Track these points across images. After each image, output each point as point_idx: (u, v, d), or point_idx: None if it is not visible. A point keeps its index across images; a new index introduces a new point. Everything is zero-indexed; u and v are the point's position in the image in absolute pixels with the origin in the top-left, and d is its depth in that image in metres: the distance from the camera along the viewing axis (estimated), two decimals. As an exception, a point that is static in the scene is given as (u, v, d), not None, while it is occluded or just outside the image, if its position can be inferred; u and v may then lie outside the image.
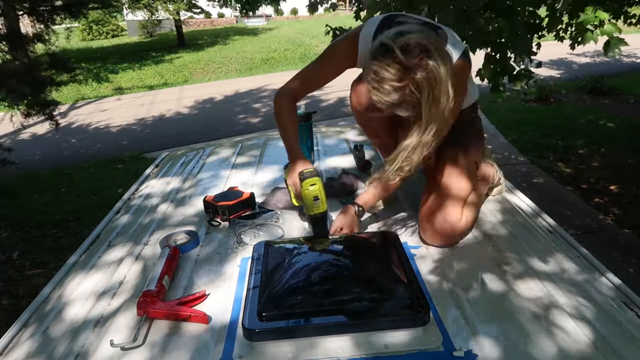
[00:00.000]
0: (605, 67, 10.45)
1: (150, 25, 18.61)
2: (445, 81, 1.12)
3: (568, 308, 1.10)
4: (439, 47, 1.14)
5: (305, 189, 1.35)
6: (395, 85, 1.13)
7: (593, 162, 5.27)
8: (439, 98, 1.14)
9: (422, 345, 0.98)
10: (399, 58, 1.11)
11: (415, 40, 1.11)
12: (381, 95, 1.16)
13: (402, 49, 1.11)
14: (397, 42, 1.12)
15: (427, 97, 1.13)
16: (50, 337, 1.10)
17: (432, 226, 1.37)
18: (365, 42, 1.41)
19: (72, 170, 6.14)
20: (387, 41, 1.13)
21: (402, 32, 1.14)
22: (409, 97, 1.14)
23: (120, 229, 1.63)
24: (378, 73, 1.14)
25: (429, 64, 1.10)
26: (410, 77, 1.11)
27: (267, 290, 1.10)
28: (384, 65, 1.13)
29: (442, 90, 1.13)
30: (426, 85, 1.11)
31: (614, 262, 3.21)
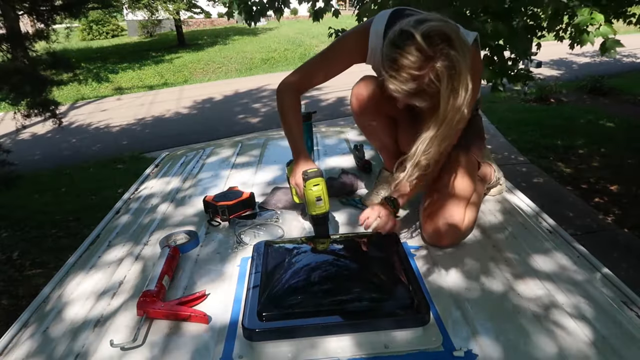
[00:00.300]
0: (605, 67, 10.45)
1: (150, 25, 18.60)
2: (465, 72, 1.10)
3: (568, 308, 1.09)
4: (461, 36, 1.11)
5: (309, 189, 1.34)
6: (414, 74, 1.10)
7: (593, 162, 5.27)
8: (458, 89, 1.11)
9: (422, 345, 0.98)
10: (421, 45, 1.07)
11: (437, 29, 1.08)
12: (398, 83, 1.13)
13: (424, 36, 1.07)
14: (419, 29, 1.08)
15: (446, 87, 1.10)
16: (50, 337, 1.10)
17: (435, 227, 1.36)
18: (375, 37, 1.38)
19: (72, 170, 6.14)
20: (409, 28, 1.09)
21: (423, 20, 1.10)
22: (428, 86, 1.12)
23: (120, 229, 1.63)
24: (397, 60, 1.11)
25: (451, 53, 1.07)
26: (430, 65, 1.08)
27: (267, 290, 1.10)
28: (403, 52, 1.09)
29: (461, 81, 1.10)
30: (446, 75, 1.09)
31: (614, 262, 3.21)
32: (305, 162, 1.45)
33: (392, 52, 1.12)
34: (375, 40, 1.39)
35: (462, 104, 1.13)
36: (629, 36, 10.84)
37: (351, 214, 1.62)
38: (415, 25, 1.09)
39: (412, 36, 1.08)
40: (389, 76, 1.14)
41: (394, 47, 1.12)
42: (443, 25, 1.09)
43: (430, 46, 1.07)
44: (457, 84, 1.10)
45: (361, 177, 1.87)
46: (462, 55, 1.09)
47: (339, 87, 1.83)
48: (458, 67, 1.08)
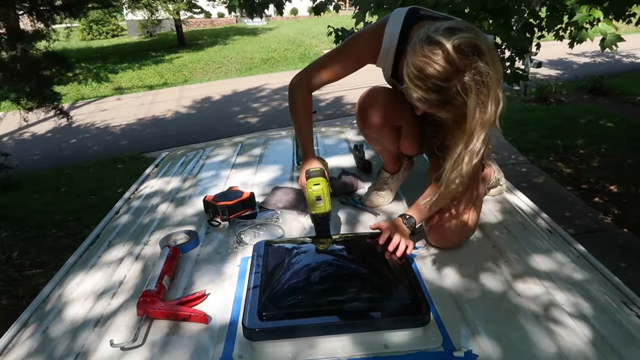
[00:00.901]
0: (605, 67, 10.46)
1: (150, 25, 18.60)
2: (496, 86, 1.05)
3: (568, 308, 1.10)
4: (492, 49, 1.06)
5: (309, 188, 1.34)
6: (441, 85, 1.05)
7: (593, 162, 5.27)
8: (486, 103, 1.06)
9: (422, 346, 0.98)
10: (452, 57, 1.02)
11: (469, 41, 1.03)
12: (422, 92, 1.08)
13: (455, 48, 1.02)
14: (451, 40, 1.02)
15: (474, 100, 1.05)
16: (50, 336, 1.10)
17: (439, 228, 1.35)
18: (390, 38, 1.34)
19: (72, 170, 6.14)
20: (439, 37, 1.03)
21: (453, 29, 1.05)
22: (453, 98, 1.07)
23: (120, 229, 1.63)
24: (423, 70, 1.05)
25: (481, 66, 1.03)
26: (458, 77, 1.04)
27: (268, 290, 1.10)
28: (431, 61, 1.04)
29: (491, 95, 1.05)
30: (475, 89, 1.04)
31: (614, 262, 3.21)
32: (312, 161, 1.45)
33: (419, 59, 1.06)
34: (390, 41, 1.35)
35: (491, 118, 1.08)
36: (629, 36, 10.85)
37: (351, 214, 1.62)
38: (446, 35, 1.04)
39: (442, 46, 1.03)
40: (413, 85, 1.09)
41: (421, 55, 1.06)
42: (474, 37, 1.04)
43: (460, 58, 1.03)
44: (485, 98, 1.05)
45: (361, 177, 1.87)
46: (493, 68, 1.04)
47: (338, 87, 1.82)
48: (487, 81, 1.04)
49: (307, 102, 1.51)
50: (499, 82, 1.07)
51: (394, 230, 1.29)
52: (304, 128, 1.50)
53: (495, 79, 1.05)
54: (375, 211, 1.64)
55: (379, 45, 1.37)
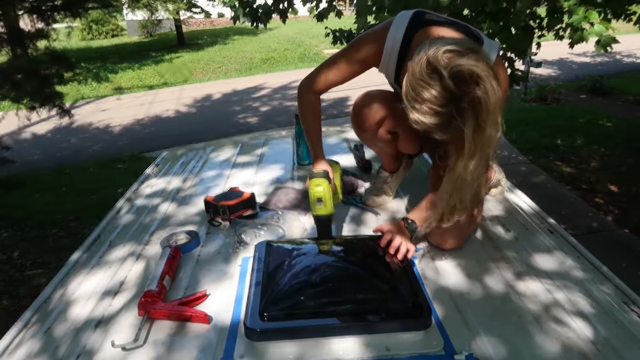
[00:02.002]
0: (605, 67, 10.46)
1: (150, 25, 18.59)
2: (495, 110, 1.02)
3: (569, 309, 1.10)
4: (492, 73, 1.01)
5: (310, 189, 1.35)
6: (438, 110, 1.03)
7: (593, 162, 5.27)
8: (484, 129, 1.04)
9: (424, 349, 0.98)
10: (448, 84, 1.00)
11: (466, 68, 0.99)
12: (419, 115, 1.06)
13: (452, 76, 0.99)
14: (448, 67, 1.00)
15: (471, 126, 1.03)
16: (51, 337, 1.10)
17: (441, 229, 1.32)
18: (392, 43, 1.33)
19: (72, 169, 6.13)
20: (436, 63, 1.01)
21: (453, 53, 1.01)
22: (450, 123, 1.05)
23: (121, 229, 1.63)
24: (420, 93, 1.03)
25: (478, 94, 1.00)
26: (455, 103, 1.02)
27: (269, 290, 1.10)
28: (428, 86, 1.02)
29: (489, 119, 1.03)
30: (471, 115, 1.02)
31: (615, 263, 3.20)
32: (319, 163, 1.46)
33: (416, 82, 1.04)
34: (392, 46, 1.33)
35: (490, 143, 1.07)
36: (629, 36, 10.85)
37: (352, 214, 1.62)
38: (445, 60, 1.00)
39: (439, 72, 1.00)
40: (410, 106, 1.07)
41: (418, 77, 1.03)
42: (473, 64, 1.00)
43: (457, 86, 1.00)
44: (484, 124, 1.03)
45: (362, 176, 1.87)
46: (492, 94, 1.01)
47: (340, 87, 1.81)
48: (485, 107, 1.01)
49: (314, 105, 1.51)
50: (499, 107, 1.04)
51: (396, 233, 1.29)
52: (312, 131, 1.51)
53: (494, 105, 1.02)
54: (376, 210, 1.64)
55: (382, 49, 1.35)
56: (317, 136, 1.51)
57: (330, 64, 1.46)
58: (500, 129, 1.07)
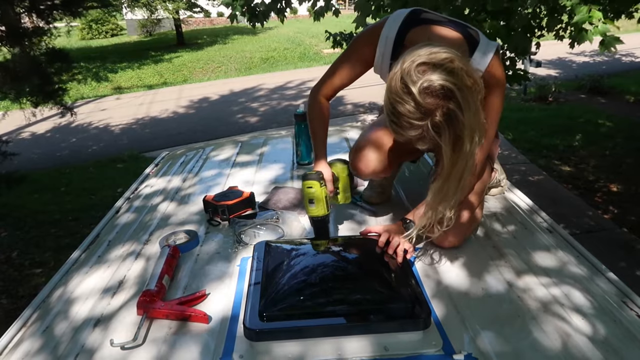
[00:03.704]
0: (604, 66, 10.46)
1: (149, 25, 18.57)
2: (470, 122, 1.03)
3: (568, 308, 1.10)
4: (465, 85, 1.02)
5: (303, 190, 1.35)
6: (414, 124, 1.05)
7: (592, 161, 5.27)
8: (462, 138, 1.05)
9: (423, 349, 0.97)
10: (419, 100, 1.01)
11: (438, 83, 1.00)
12: (398, 129, 1.09)
13: (423, 92, 1.00)
14: (418, 82, 1.01)
15: (447, 138, 1.05)
16: (50, 336, 1.10)
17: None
18: (385, 43, 1.33)
19: (71, 169, 6.13)
20: (408, 78, 1.02)
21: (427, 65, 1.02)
22: (429, 135, 1.06)
23: (120, 228, 1.63)
24: (396, 108, 1.05)
25: (450, 108, 1.01)
26: (429, 117, 1.03)
27: (269, 291, 1.10)
28: (402, 101, 1.04)
29: (465, 132, 1.04)
30: (446, 128, 1.03)
31: (614, 261, 3.21)
32: (318, 164, 1.46)
33: (391, 97, 1.06)
34: (384, 47, 1.33)
35: (470, 151, 1.07)
36: (628, 35, 10.84)
37: (352, 213, 1.62)
38: (418, 74, 1.01)
39: (410, 87, 1.02)
40: (389, 119, 1.10)
41: (394, 91, 1.06)
42: (446, 78, 1.00)
43: (429, 101, 1.01)
44: (460, 133, 1.04)
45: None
46: (466, 106, 1.02)
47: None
48: (460, 119, 1.02)
49: (319, 109, 1.52)
50: (476, 118, 1.04)
51: (394, 233, 1.29)
52: (316, 134, 1.52)
53: (469, 118, 1.02)
54: (375, 210, 1.64)
55: (374, 50, 1.36)
56: (321, 139, 1.51)
57: (333, 68, 1.48)
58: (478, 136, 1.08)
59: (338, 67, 1.46)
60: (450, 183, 1.13)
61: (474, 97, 1.04)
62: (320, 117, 1.52)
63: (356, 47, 1.43)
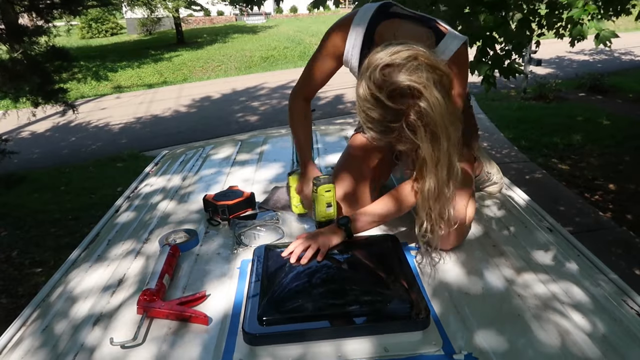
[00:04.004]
0: (604, 65, 10.46)
1: (149, 23, 18.56)
2: (442, 119, 1.03)
3: (568, 307, 1.10)
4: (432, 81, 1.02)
5: (321, 195, 1.35)
6: (390, 126, 1.06)
7: (592, 159, 5.28)
8: (437, 137, 1.06)
9: (422, 349, 0.97)
10: (387, 104, 1.02)
11: (404, 84, 1.00)
12: (374, 134, 1.10)
13: (389, 95, 1.01)
14: (384, 86, 1.01)
15: (423, 137, 1.05)
16: (50, 335, 1.10)
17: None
18: (355, 36, 1.32)
19: (71, 168, 6.14)
20: (375, 84, 1.03)
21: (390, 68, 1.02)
22: (405, 135, 1.06)
23: (120, 227, 1.63)
24: (369, 114, 1.06)
25: (421, 106, 1.01)
26: (402, 118, 1.04)
27: (268, 295, 1.09)
28: (372, 107, 1.05)
29: (438, 128, 1.04)
30: (421, 126, 1.04)
31: (613, 260, 3.22)
32: (312, 169, 1.46)
33: (362, 104, 1.07)
34: (354, 39, 1.33)
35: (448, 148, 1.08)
36: (627, 34, 10.84)
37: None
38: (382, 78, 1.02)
39: (376, 94, 1.03)
40: (365, 127, 1.10)
41: (363, 100, 1.06)
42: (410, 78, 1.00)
43: (397, 103, 1.02)
44: (436, 130, 1.05)
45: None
46: (436, 103, 1.02)
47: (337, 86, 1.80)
48: (432, 116, 1.02)
49: (299, 110, 1.51)
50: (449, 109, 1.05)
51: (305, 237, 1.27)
52: (298, 136, 1.51)
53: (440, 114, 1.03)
54: None
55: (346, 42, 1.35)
56: (306, 142, 1.51)
57: (309, 67, 1.46)
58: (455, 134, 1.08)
59: (314, 66, 1.45)
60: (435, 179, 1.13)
61: (443, 89, 1.04)
62: (303, 120, 1.51)
63: (328, 40, 1.41)
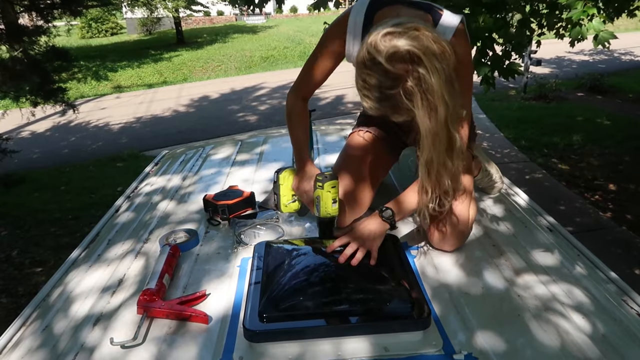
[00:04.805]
0: (604, 65, 10.46)
1: (149, 23, 18.56)
2: (440, 88, 1.03)
3: (569, 307, 1.10)
4: (431, 50, 1.02)
5: (327, 191, 1.34)
6: (387, 93, 1.06)
7: (592, 159, 5.28)
8: (435, 106, 1.05)
9: (423, 349, 0.97)
10: (387, 67, 1.02)
11: (404, 48, 1.01)
12: (372, 102, 1.09)
13: (389, 58, 1.02)
14: (385, 50, 1.02)
15: (420, 105, 1.04)
16: (50, 334, 1.10)
17: (442, 232, 1.33)
18: (354, 28, 1.33)
19: (71, 168, 6.14)
20: (375, 48, 1.03)
21: (391, 35, 1.02)
22: (402, 104, 1.06)
23: (120, 227, 1.63)
24: (366, 80, 1.07)
25: (420, 71, 1.01)
26: (400, 84, 1.04)
27: (268, 291, 1.09)
28: (371, 72, 1.05)
29: (436, 97, 1.04)
30: (418, 93, 1.03)
31: (613, 260, 3.22)
32: (312, 169, 1.45)
33: (361, 71, 1.08)
34: (354, 32, 1.34)
35: (446, 118, 1.07)
36: (627, 34, 10.84)
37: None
38: (383, 43, 1.03)
39: (377, 57, 1.03)
40: (362, 95, 1.11)
41: (361, 65, 1.07)
42: (411, 44, 1.01)
43: (396, 67, 1.02)
44: (433, 100, 1.04)
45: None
46: (434, 70, 1.02)
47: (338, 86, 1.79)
48: (430, 84, 1.02)
49: (297, 108, 1.52)
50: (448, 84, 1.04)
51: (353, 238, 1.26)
52: (296, 134, 1.51)
53: (439, 83, 1.02)
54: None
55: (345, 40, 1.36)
56: (304, 141, 1.51)
57: (307, 66, 1.47)
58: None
59: (312, 64, 1.45)
60: (435, 152, 1.12)
61: (443, 63, 1.03)
62: (301, 120, 1.52)
63: (327, 39, 1.42)
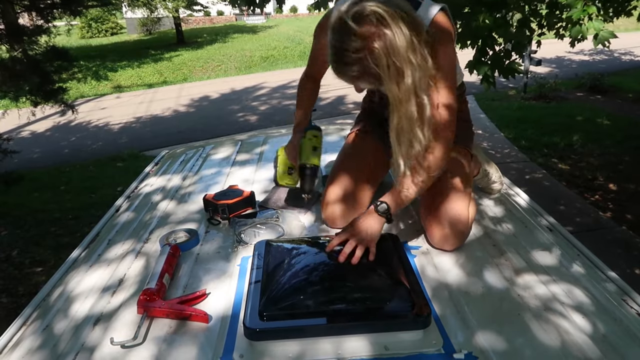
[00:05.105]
0: (604, 65, 10.46)
1: (149, 23, 18.56)
2: (406, 51, 1.04)
3: (569, 307, 1.10)
4: (398, 14, 1.04)
5: (308, 139, 1.36)
6: (353, 57, 1.07)
7: (592, 159, 5.28)
8: (402, 70, 1.05)
9: (423, 348, 0.97)
10: (352, 27, 1.04)
11: (370, 9, 1.03)
12: (340, 66, 1.11)
13: (355, 18, 1.04)
14: (350, 12, 1.05)
15: (386, 68, 1.05)
16: (50, 334, 1.10)
17: (442, 231, 1.32)
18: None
19: (71, 168, 6.14)
20: (343, 14, 1.06)
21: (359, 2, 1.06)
22: (370, 68, 1.07)
23: (120, 227, 1.63)
24: (335, 46, 1.09)
25: (385, 32, 1.03)
26: (367, 46, 1.05)
27: (269, 290, 1.10)
28: (339, 37, 1.07)
29: (402, 60, 1.04)
30: (383, 55, 1.04)
31: (613, 260, 3.22)
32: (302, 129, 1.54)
33: (331, 39, 1.11)
34: None
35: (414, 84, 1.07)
36: (627, 34, 10.84)
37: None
38: (348, 9, 1.06)
39: (344, 18, 1.05)
40: (331, 61, 1.13)
41: (331, 31, 1.10)
42: (377, 6, 1.04)
43: (362, 28, 1.04)
44: (399, 64, 1.05)
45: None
46: (401, 32, 1.03)
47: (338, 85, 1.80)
48: (397, 47, 1.03)
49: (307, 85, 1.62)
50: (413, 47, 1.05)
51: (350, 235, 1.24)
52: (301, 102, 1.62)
53: (404, 44, 1.04)
54: None
55: None
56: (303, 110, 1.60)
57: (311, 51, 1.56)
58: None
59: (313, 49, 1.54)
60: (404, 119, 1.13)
61: (412, 30, 1.05)
62: (305, 97, 1.60)
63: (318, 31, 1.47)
